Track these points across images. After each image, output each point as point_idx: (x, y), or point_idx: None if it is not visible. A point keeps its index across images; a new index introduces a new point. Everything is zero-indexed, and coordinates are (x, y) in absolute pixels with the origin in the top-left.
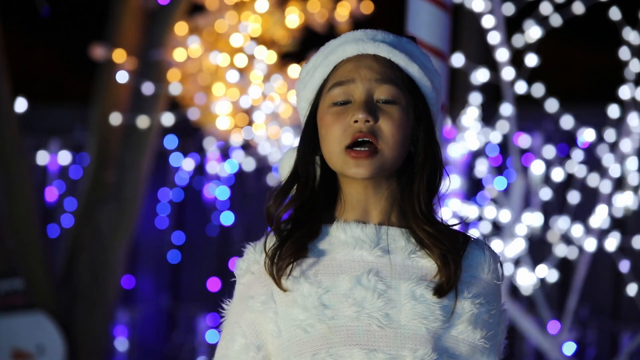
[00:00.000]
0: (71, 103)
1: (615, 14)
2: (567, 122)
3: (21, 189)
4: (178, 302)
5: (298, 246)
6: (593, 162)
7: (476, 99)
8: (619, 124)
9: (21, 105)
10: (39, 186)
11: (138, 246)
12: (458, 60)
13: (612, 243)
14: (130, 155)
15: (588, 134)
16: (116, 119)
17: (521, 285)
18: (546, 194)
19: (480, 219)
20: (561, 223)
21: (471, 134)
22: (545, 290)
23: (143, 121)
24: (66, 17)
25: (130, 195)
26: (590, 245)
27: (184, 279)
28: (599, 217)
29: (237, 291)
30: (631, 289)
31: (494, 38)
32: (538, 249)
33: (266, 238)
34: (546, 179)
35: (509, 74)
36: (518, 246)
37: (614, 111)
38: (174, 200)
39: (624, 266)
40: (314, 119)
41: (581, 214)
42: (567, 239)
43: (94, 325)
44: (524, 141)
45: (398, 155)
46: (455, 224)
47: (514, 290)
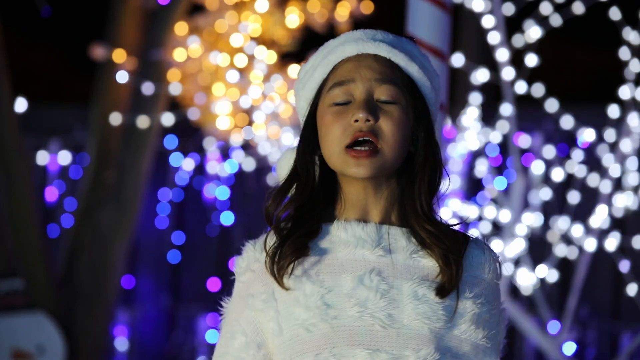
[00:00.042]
0: (71, 103)
1: (615, 14)
2: (567, 122)
3: (21, 189)
4: (178, 302)
5: (299, 245)
6: (593, 162)
7: (476, 99)
8: (619, 124)
9: (21, 105)
10: (39, 186)
11: (138, 246)
12: (458, 60)
13: (612, 243)
14: (130, 155)
15: (588, 134)
16: (116, 119)
17: (521, 285)
18: (546, 194)
19: (480, 219)
20: (561, 223)
21: (471, 134)
22: (545, 290)
23: (143, 121)
24: (66, 17)
25: (130, 195)
26: (590, 245)
27: (184, 279)
28: (599, 217)
29: (237, 289)
30: (631, 289)
31: (494, 38)
32: (538, 249)
33: (266, 237)
34: (546, 179)
35: (509, 74)
36: (518, 246)
37: (614, 111)
38: (174, 200)
39: (624, 266)
40: (314, 118)
41: (581, 214)
42: (567, 239)
43: (94, 325)
44: (524, 141)
45: (398, 155)
46: (456, 224)
47: (514, 290)
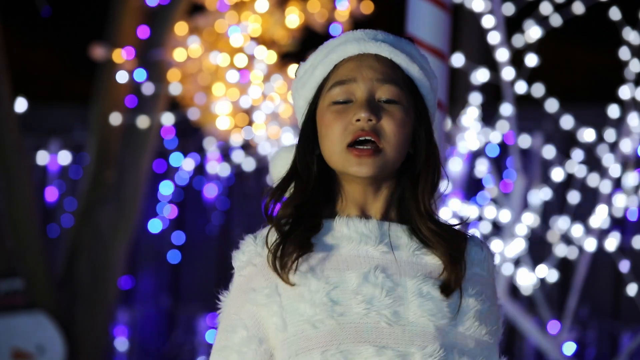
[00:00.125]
0: (71, 103)
1: (615, 14)
2: (567, 122)
3: (21, 189)
4: (178, 302)
5: (301, 241)
6: (593, 162)
7: (476, 99)
8: (619, 124)
9: (21, 105)
10: (39, 186)
11: (138, 246)
12: (458, 60)
13: (612, 243)
14: (130, 155)
15: (588, 134)
16: (116, 119)
17: (521, 285)
18: (546, 194)
19: (480, 219)
20: (561, 223)
21: (471, 134)
22: (545, 290)
23: (143, 121)
24: (66, 17)
25: (130, 195)
26: (590, 245)
27: (184, 279)
28: (599, 217)
29: (237, 283)
30: (631, 289)
31: (494, 38)
32: (538, 249)
33: (268, 232)
34: (546, 179)
35: (509, 74)
36: (518, 246)
37: (614, 111)
38: (174, 200)
39: (624, 266)
40: (313, 117)
41: (581, 214)
42: (567, 239)
43: (94, 325)
44: (524, 141)
45: (399, 155)
46: (457, 224)
47: (514, 290)
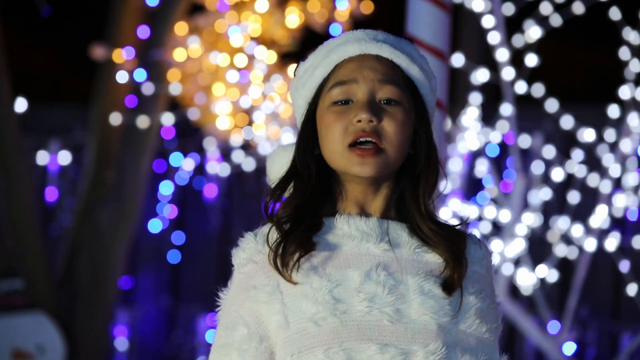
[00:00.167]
0: (71, 103)
1: (615, 14)
2: (567, 122)
3: (21, 189)
4: (178, 302)
5: (302, 239)
6: (593, 162)
7: (476, 99)
8: (619, 124)
9: (21, 105)
10: (39, 186)
11: (138, 246)
12: (458, 60)
13: (612, 243)
14: (130, 155)
15: (588, 134)
16: (116, 119)
17: (521, 285)
18: (546, 194)
19: (480, 219)
20: (561, 223)
21: (471, 134)
22: (545, 290)
23: (143, 121)
24: (66, 17)
25: (130, 195)
26: (590, 245)
27: (184, 279)
28: (599, 217)
29: (237, 280)
30: (631, 289)
31: (494, 38)
32: (538, 249)
33: (269, 231)
34: (546, 179)
35: (509, 74)
36: (518, 246)
37: (614, 111)
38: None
39: (624, 266)
40: (313, 117)
41: (581, 214)
42: (567, 239)
43: (94, 325)
44: (524, 141)
45: (400, 155)
46: (457, 224)
47: (514, 290)
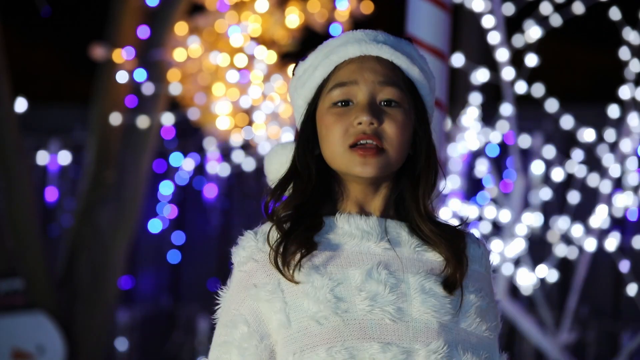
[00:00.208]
0: (71, 103)
1: (615, 14)
2: (567, 122)
3: (21, 189)
4: (178, 302)
5: (303, 239)
6: (593, 162)
7: (476, 99)
8: (619, 124)
9: (21, 105)
10: (39, 186)
11: (138, 246)
12: (458, 60)
13: (612, 243)
14: (130, 155)
15: (588, 134)
16: (116, 119)
17: (521, 285)
18: (546, 194)
19: (480, 219)
20: (561, 223)
21: (471, 134)
22: (545, 290)
23: (143, 121)
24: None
25: (130, 195)
26: (590, 245)
27: (184, 279)
28: (599, 217)
29: (237, 278)
30: (631, 289)
31: (494, 38)
32: (538, 249)
33: (269, 230)
34: (546, 179)
35: (509, 74)
36: (518, 246)
37: (614, 111)
38: (174, 200)
39: (624, 266)
40: (313, 117)
41: (581, 214)
42: (567, 239)
43: (94, 325)
44: (524, 141)
45: (401, 157)
46: (458, 225)
47: (514, 290)
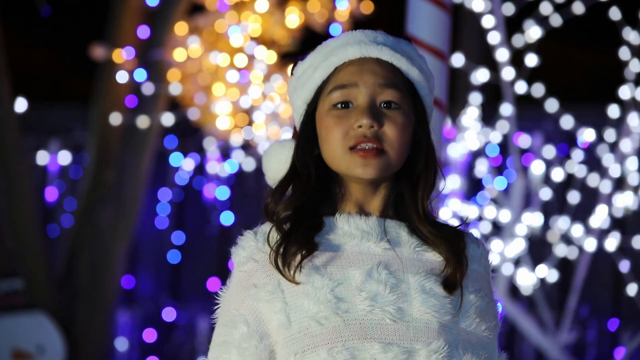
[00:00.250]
0: (71, 103)
1: (615, 14)
2: (567, 122)
3: (21, 189)
4: (178, 302)
5: (304, 240)
6: (593, 162)
7: (476, 99)
8: (619, 124)
9: (21, 105)
10: (39, 186)
11: (138, 246)
12: (458, 60)
13: (612, 243)
14: (130, 155)
15: (588, 134)
16: (116, 119)
17: (521, 285)
18: (546, 194)
19: (480, 219)
20: (561, 223)
21: (471, 134)
22: (545, 290)
23: (143, 121)
24: (66, 17)
25: (130, 195)
26: (590, 245)
27: (184, 279)
28: (599, 217)
29: (237, 278)
30: (631, 289)
31: (494, 38)
32: (538, 249)
33: (269, 230)
34: (546, 179)
35: (509, 74)
36: (518, 246)
37: (614, 111)
38: (174, 200)
39: (624, 266)
40: (312, 119)
41: (581, 214)
42: (567, 239)
43: (94, 325)
44: (524, 141)
45: (401, 158)
46: (458, 226)
47: (514, 290)
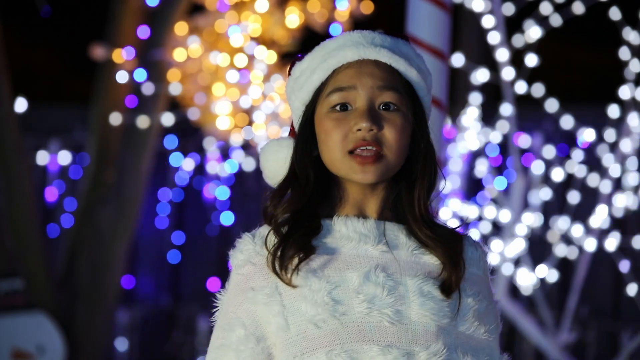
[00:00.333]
0: (71, 103)
1: (615, 14)
2: (567, 122)
3: (21, 189)
4: (178, 302)
5: (301, 243)
6: (593, 162)
7: (476, 99)
8: (619, 124)
9: (21, 105)
10: (39, 186)
11: (138, 246)
12: (458, 60)
13: (612, 243)
14: (130, 155)
15: (588, 134)
16: (116, 119)
17: (521, 285)
18: (546, 194)
19: (480, 219)
20: (561, 223)
21: (471, 134)
22: (545, 290)
23: (143, 121)
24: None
25: (130, 195)
26: (590, 245)
27: (184, 279)
28: (599, 217)
29: (234, 281)
30: (631, 289)
31: (494, 38)
32: (538, 249)
33: (267, 234)
34: (546, 179)
35: (509, 74)
36: (518, 246)
37: (614, 111)
38: (174, 200)
39: (624, 266)
40: (311, 120)
41: (581, 214)
42: (567, 239)
43: (94, 325)
44: (524, 141)
45: (400, 160)
46: (457, 226)
47: (514, 290)
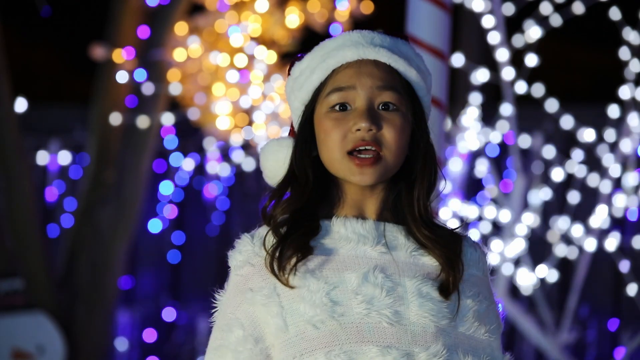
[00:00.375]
0: (71, 103)
1: (615, 14)
2: (567, 122)
3: (21, 189)
4: (178, 302)
5: (299, 244)
6: (593, 162)
7: (476, 99)
8: (619, 124)
9: (21, 105)
10: (39, 186)
11: (138, 246)
12: (458, 60)
13: (612, 243)
14: (130, 155)
15: (588, 134)
16: (116, 119)
17: (521, 285)
18: (546, 194)
19: (480, 219)
20: (561, 223)
21: (471, 134)
22: (545, 290)
23: (143, 121)
24: (66, 17)
25: (130, 195)
26: (590, 245)
27: (184, 279)
28: (599, 217)
29: (233, 282)
30: (631, 289)
31: (494, 38)
32: (538, 249)
33: (266, 235)
34: (546, 179)
35: (509, 74)
36: (518, 246)
37: (614, 111)
38: (174, 200)
39: (624, 266)
40: (310, 120)
41: (581, 214)
42: (567, 239)
43: (94, 325)
44: (524, 141)
45: (399, 160)
46: (457, 227)
47: (514, 290)
